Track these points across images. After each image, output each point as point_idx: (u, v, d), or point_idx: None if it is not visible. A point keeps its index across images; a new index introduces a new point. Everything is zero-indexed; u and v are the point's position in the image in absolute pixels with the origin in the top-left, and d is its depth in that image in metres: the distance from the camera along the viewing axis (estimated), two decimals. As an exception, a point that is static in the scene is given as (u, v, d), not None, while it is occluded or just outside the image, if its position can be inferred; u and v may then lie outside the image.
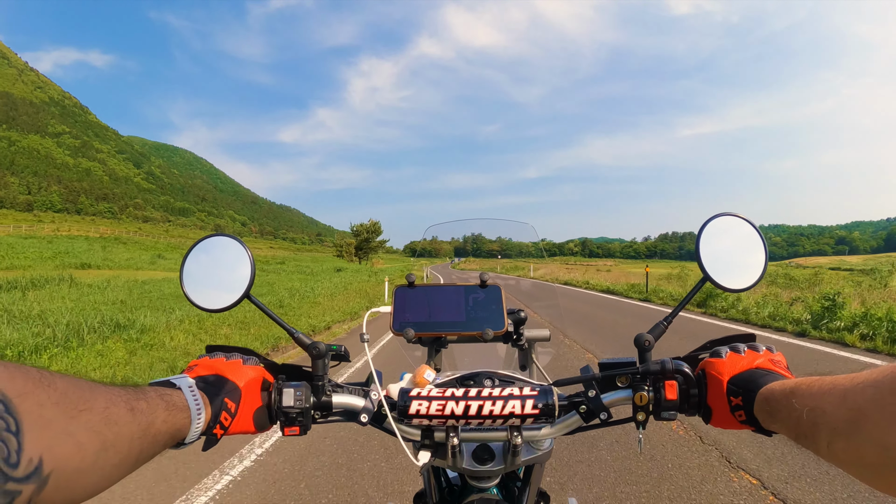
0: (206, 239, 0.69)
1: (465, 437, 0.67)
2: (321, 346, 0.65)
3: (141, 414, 0.41)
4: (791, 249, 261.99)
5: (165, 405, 0.46)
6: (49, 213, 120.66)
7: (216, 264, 0.68)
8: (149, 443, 0.42)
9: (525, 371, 0.93)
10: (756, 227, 0.67)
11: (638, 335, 0.63)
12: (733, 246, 0.66)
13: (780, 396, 0.46)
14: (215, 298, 0.66)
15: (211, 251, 0.69)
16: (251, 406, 0.60)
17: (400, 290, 0.80)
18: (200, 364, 0.61)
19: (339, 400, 0.66)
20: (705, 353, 0.62)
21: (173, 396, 0.48)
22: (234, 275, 0.66)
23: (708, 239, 0.66)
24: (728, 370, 0.56)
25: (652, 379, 0.61)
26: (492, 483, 0.74)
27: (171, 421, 0.46)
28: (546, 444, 0.73)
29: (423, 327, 0.76)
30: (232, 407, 0.57)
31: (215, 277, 0.67)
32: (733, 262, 0.66)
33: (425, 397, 0.61)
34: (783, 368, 0.55)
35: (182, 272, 0.67)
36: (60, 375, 0.34)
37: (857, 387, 0.34)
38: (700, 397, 0.60)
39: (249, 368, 0.62)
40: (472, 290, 0.79)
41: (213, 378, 0.59)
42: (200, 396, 0.52)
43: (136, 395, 0.42)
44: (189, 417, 0.49)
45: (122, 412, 0.39)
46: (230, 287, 0.66)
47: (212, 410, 0.54)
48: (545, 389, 0.61)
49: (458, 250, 30.38)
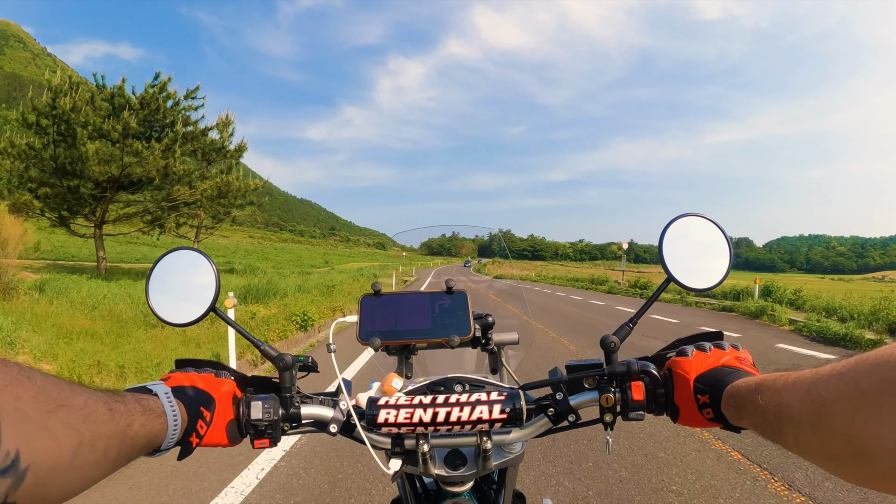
0: (170, 253, 0.74)
1: (435, 444, 0.71)
2: (288, 358, 0.69)
3: (119, 415, 0.43)
4: (861, 262, 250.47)
5: (143, 409, 0.48)
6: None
7: (181, 278, 0.72)
8: (126, 445, 0.44)
9: (496, 375, 0.99)
10: (721, 227, 0.71)
11: (604, 337, 0.68)
12: (698, 246, 0.71)
13: (745, 393, 0.49)
14: (181, 312, 0.70)
15: (176, 265, 0.73)
16: (224, 418, 0.64)
17: (366, 298, 0.84)
18: (172, 378, 0.63)
19: (308, 411, 0.70)
20: (672, 353, 0.66)
21: (150, 402, 0.51)
22: (199, 288, 0.71)
23: (671, 239, 0.71)
24: (694, 369, 0.60)
25: (619, 380, 0.65)
26: (466, 487, 0.77)
27: (149, 425, 0.49)
28: (518, 447, 0.76)
29: (390, 336, 0.81)
30: (207, 416, 0.61)
31: (181, 291, 0.72)
32: (697, 262, 0.71)
33: (393, 406, 0.65)
34: (749, 366, 0.59)
35: (147, 286, 0.71)
36: (39, 372, 0.36)
37: (821, 380, 0.36)
38: (667, 397, 0.64)
39: (221, 381, 0.65)
40: (438, 296, 0.85)
41: (189, 388, 0.61)
42: (177, 404, 0.55)
43: (114, 398, 0.44)
44: (165, 423, 0.52)
45: (100, 411, 0.41)
46: (196, 300, 0.70)
47: (188, 418, 0.57)
48: (512, 394, 0.65)
49: (482, 249, 30.04)
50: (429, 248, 48.10)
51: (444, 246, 64.99)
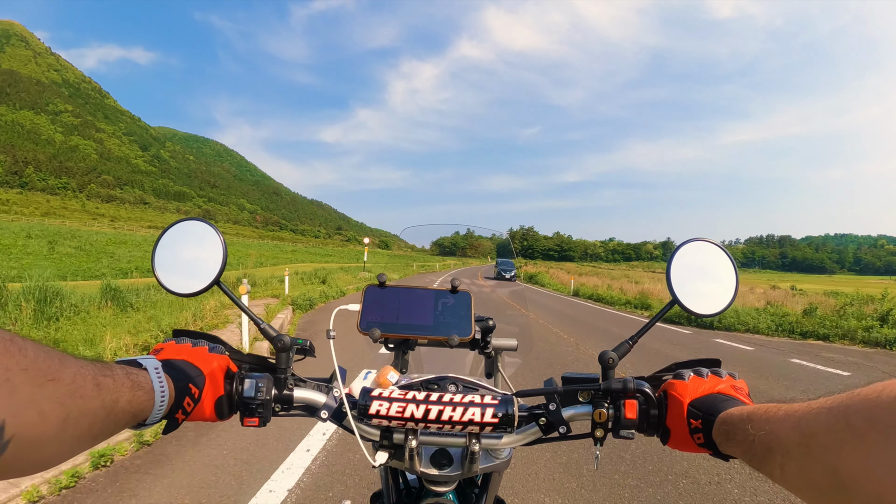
0: (179, 223, 0.77)
1: (424, 441, 0.73)
2: (286, 339, 0.73)
3: (106, 391, 0.45)
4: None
5: (131, 384, 0.50)
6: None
7: (188, 249, 0.75)
8: (111, 420, 0.47)
9: (490, 379, 1.04)
10: (728, 254, 0.75)
11: (602, 352, 0.71)
12: (705, 271, 0.75)
13: (737, 421, 0.52)
14: (185, 283, 0.73)
15: (184, 235, 0.76)
16: (214, 394, 0.67)
17: (370, 289, 0.87)
18: (167, 348, 0.67)
19: (301, 394, 0.74)
20: (669, 375, 0.70)
21: (139, 377, 0.53)
22: (205, 260, 0.74)
23: (680, 263, 0.75)
24: (690, 393, 0.63)
25: (613, 396, 0.69)
26: (449, 488, 0.79)
27: (136, 401, 0.51)
28: (505, 453, 0.78)
29: (390, 328, 0.85)
30: (196, 393, 0.63)
31: (186, 262, 0.75)
32: (703, 288, 0.75)
33: (386, 398, 0.67)
34: (744, 395, 0.62)
35: (154, 254, 0.74)
36: (32, 343, 0.38)
37: (812, 412, 0.39)
38: (660, 418, 0.67)
39: (214, 356, 0.68)
40: (442, 294, 0.89)
41: (179, 363, 0.64)
42: (166, 379, 0.57)
43: (104, 371, 0.46)
44: (153, 399, 0.54)
45: (88, 386, 0.42)
46: (201, 272, 0.73)
47: (175, 395, 0.59)
48: (506, 399, 0.67)
49: (500, 249, 28.67)
50: (440, 248, 47.71)
51: (458, 245, 64.27)
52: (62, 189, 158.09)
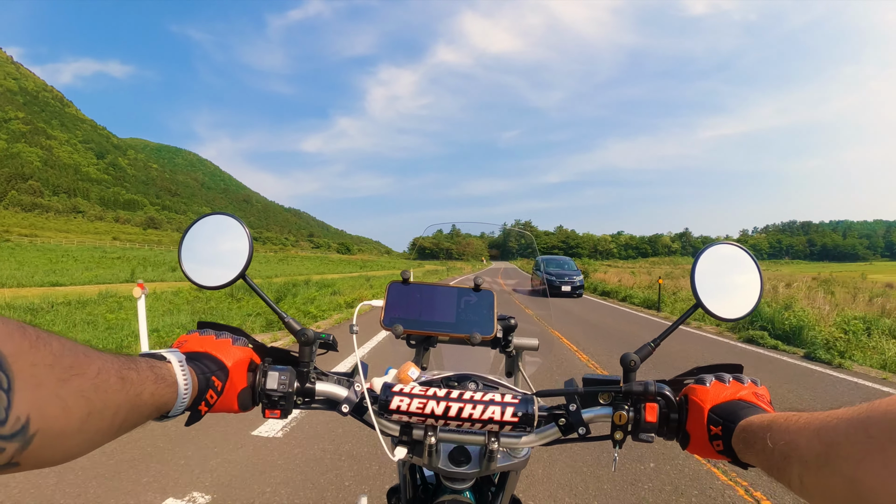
0: (206, 217, 0.83)
1: (442, 438, 0.78)
2: (310, 333, 0.78)
3: (130, 384, 0.48)
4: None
5: (155, 377, 0.53)
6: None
7: (215, 242, 0.81)
8: (134, 413, 0.49)
9: (511, 378, 1.13)
10: (754, 258, 0.79)
11: (624, 354, 0.75)
12: (729, 275, 0.78)
13: (757, 429, 0.54)
14: (212, 276, 0.79)
15: (211, 229, 0.82)
16: (237, 386, 0.71)
17: (394, 285, 0.94)
18: (190, 340, 0.71)
19: (323, 388, 0.79)
20: (690, 379, 0.73)
21: (163, 369, 0.56)
22: (231, 254, 0.79)
23: (704, 266, 0.78)
24: (711, 399, 0.66)
25: (633, 399, 0.72)
26: (466, 485, 0.85)
27: (159, 394, 0.54)
28: (523, 453, 0.83)
29: (413, 325, 0.90)
30: (219, 385, 0.67)
31: (213, 255, 0.80)
32: (727, 292, 0.78)
33: (407, 394, 0.71)
34: (766, 403, 0.65)
35: (181, 248, 0.81)
36: (57, 337, 0.40)
37: (832, 422, 0.41)
38: (680, 423, 0.70)
39: (238, 349, 0.73)
40: (464, 292, 0.94)
41: (203, 355, 0.68)
42: (189, 372, 0.61)
43: (128, 365, 0.49)
44: (176, 392, 0.58)
45: (112, 380, 0.45)
46: (227, 266, 0.79)
47: (199, 387, 0.63)
48: (526, 398, 0.71)
49: (495, 248, 20.09)
50: (419, 251, 42.10)
51: (441, 246, 58.31)
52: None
